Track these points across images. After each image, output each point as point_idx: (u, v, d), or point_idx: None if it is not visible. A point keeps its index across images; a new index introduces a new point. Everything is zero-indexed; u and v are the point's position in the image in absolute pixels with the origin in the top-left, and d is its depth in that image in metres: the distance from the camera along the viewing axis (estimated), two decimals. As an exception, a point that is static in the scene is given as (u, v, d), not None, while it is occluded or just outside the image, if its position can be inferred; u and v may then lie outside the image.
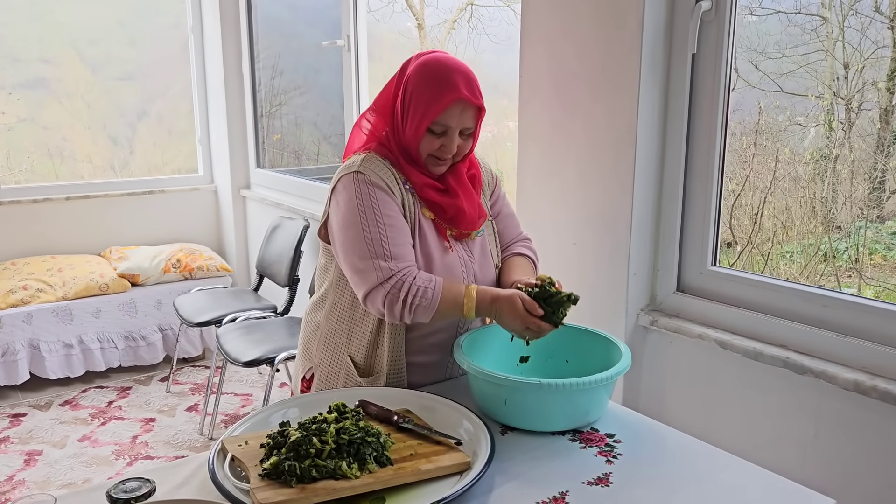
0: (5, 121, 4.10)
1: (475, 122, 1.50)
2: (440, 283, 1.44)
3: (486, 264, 1.62)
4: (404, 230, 1.48)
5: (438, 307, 1.43)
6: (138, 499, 1.04)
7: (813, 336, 1.68)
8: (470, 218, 1.55)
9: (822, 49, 1.95)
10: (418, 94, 1.47)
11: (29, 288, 3.64)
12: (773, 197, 2.17)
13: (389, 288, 1.41)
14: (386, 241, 1.43)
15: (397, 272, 1.42)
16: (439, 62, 1.48)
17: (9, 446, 3.09)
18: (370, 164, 1.49)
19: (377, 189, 1.46)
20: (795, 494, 1.19)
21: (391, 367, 1.53)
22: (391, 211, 1.46)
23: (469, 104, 1.46)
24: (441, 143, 1.48)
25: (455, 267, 1.55)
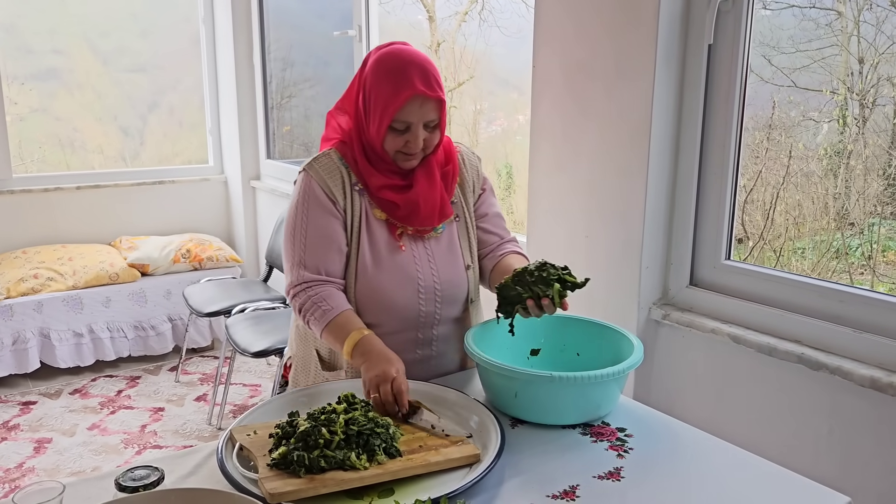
0: (17, 111, 4.11)
1: (438, 114, 1.46)
2: (338, 312, 1.44)
3: (452, 264, 1.57)
4: (331, 241, 1.49)
5: (325, 332, 1.45)
6: (147, 487, 1.04)
7: (828, 331, 1.66)
8: (426, 214, 1.51)
9: (837, 44, 1.92)
10: (376, 92, 1.44)
11: (40, 276, 3.65)
12: (786, 192, 2.15)
13: (295, 292, 1.50)
14: (303, 251, 1.49)
15: (305, 282, 1.48)
16: (393, 56, 1.45)
17: (19, 434, 3.11)
18: (319, 165, 1.51)
19: (315, 196, 1.49)
20: (810, 491, 1.17)
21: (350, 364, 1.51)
22: (321, 221, 1.49)
23: (427, 98, 1.42)
24: (406, 140, 1.45)
25: (407, 266, 1.52)
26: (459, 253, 1.59)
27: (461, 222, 1.60)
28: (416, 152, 1.48)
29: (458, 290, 1.58)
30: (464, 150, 1.64)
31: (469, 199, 1.62)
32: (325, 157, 1.53)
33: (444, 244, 1.57)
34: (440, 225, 1.55)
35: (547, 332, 1.57)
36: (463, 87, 3.95)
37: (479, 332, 1.49)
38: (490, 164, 3.99)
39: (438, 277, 1.54)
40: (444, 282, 1.55)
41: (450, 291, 1.56)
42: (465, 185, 1.61)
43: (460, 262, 1.58)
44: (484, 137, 4.05)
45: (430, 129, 1.47)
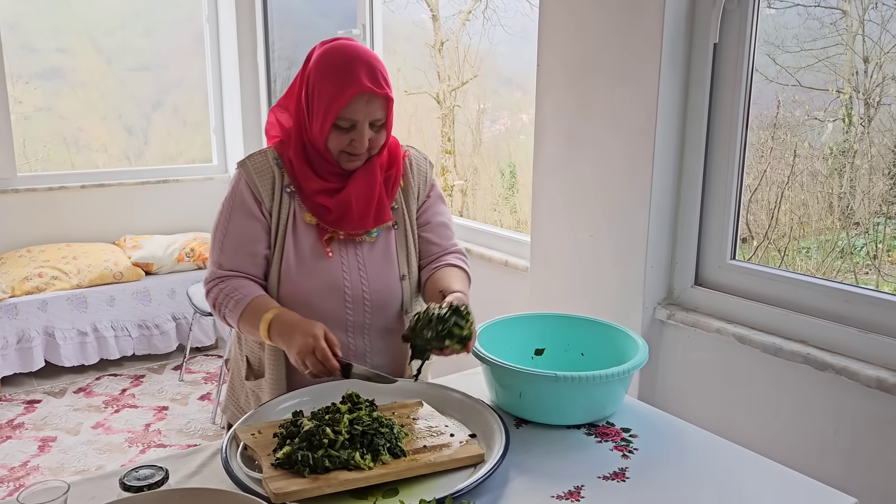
0: (22, 110, 4.12)
1: (384, 113, 1.41)
2: (251, 298, 1.42)
3: (386, 273, 1.50)
4: (248, 244, 1.46)
5: (241, 321, 1.42)
6: (151, 486, 1.03)
7: (834, 332, 1.65)
8: (358, 216, 1.45)
9: (842, 43, 1.91)
10: (320, 89, 1.39)
11: (44, 275, 3.66)
12: (791, 192, 2.14)
13: (208, 288, 1.48)
14: (221, 249, 1.48)
15: (217, 277, 1.47)
16: (338, 52, 1.39)
17: (23, 432, 3.12)
18: (253, 163, 1.48)
19: (241, 195, 1.46)
20: (816, 492, 1.17)
21: (271, 367, 1.49)
22: (242, 223, 1.46)
23: (374, 95, 1.37)
24: (351, 139, 1.40)
25: (333, 273, 1.46)
26: (395, 262, 1.52)
27: (400, 230, 1.54)
28: (361, 153, 1.43)
29: (390, 300, 1.51)
30: (413, 154, 1.58)
31: (412, 207, 1.55)
32: (260, 154, 1.50)
33: (379, 252, 1.51)
34: (374, 229, 1.49)
35: (551, 331, 1.56)
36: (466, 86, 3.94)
37: (484, 332, 1.49)
38: (493, 164, 3.98)
39: (368, 286, 1.48)
40: (375, 291, 1.49)
41: (380, 301, 1.50)
42: (408, 191, 1.55)
43: (395, 272, 1.52)
44: (487, 136, 4.05)
45: (376, 128, 1.42)
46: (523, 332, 1.55)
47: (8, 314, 3.48)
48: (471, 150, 4.02)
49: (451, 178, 4.02)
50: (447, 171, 4.05)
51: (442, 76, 3.97)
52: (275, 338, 1.37)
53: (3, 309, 3.47)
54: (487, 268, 2.75)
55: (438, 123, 4.04)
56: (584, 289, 2.15)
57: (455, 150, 4.03)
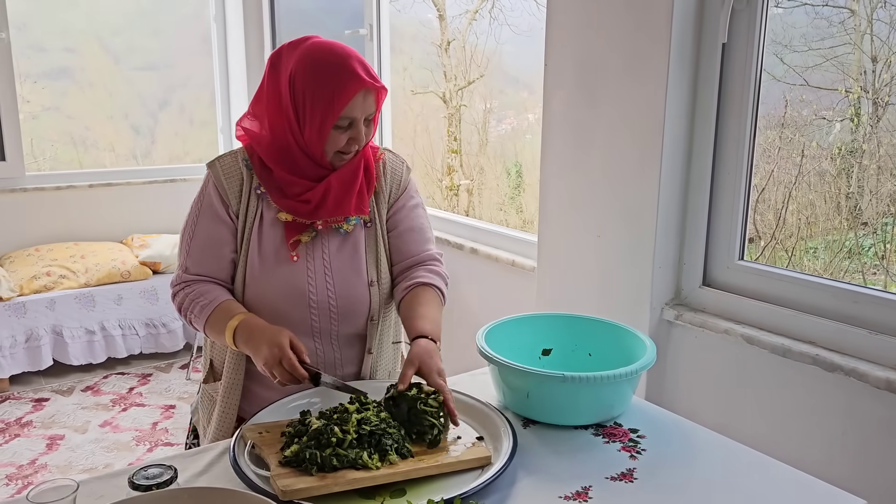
0: (30, 109, 4.14)
1: (376, 106, 1.39)
2: (217, 303, 1.40)
3: (354, 279, 1.46)
4: (215, 247, 1.44)
5: (207, 325, 1.41)
6: (160, 485, 1.04)
7: (843, 333, 1.65)
8: (337, 200, 1.40)
9: (850, 42, 1.91)
10: (314, 91, 1.33)
11: (52, 274, 3.68)
12: (798, 192, 2.13)
13: (176, 292, 1.46)
14: (188, 251, 1.46)
15: (183, 281, 1.45)
16: (327, 50, 1.35)
17: (31, 431, 3.13)
18: (224, 164, 1.45)
19: (209, 197, 1.45)
20: (824, 494, 1.16)
21: (229, 371, 1.47)
22: (209, 226, 1.44)
23: (370, 89, 1.35)
24: (348, 137, 1.38)
25: (297, 279, 1.42)
26: (363, 268, 1.47)
27: (371, 231, 1.49)
28: (354, 149, 1.40)
29: (358, 307, 1.47)
30: (388, 158, 1.53)
31: (382, 210, 1.51)
32: (230, 156, 1.47)
33: (347, 257, 1.46)
34: (354, 217, 1.45)
35: (559, 332, 1.56)
36: (473, 85, 3.94)
37: (491, 332, 1.49)
38: (500, 163, 3.98)
39: (335, 293, 1.44)
40: (341, 297, 1.45)
41: (347, 308, 1.46)
42: (380, 194, 1.50)
43: (363, 278, 1.47)
44: (494, 136, 4.05)
45: (367, 122, 1.40)
46: (530, 332, 1.55)
47: (16, 313, 3.50)
48: (477, 149, 4.02)
49: (457, 177, 4.02)
50: (453, 170, 4.05)
51: (448, 75, 3.97)
52: (240, 345, 1.35)
53: (12, 308, 3.49)
54: (494, 268, 2.75)
55: (445, 123, 4.04)
56: (592, 289, 2.14)
57: (461, 150, 4.03)
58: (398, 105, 3.95)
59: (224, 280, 1.47)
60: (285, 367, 1.28)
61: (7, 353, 3.46)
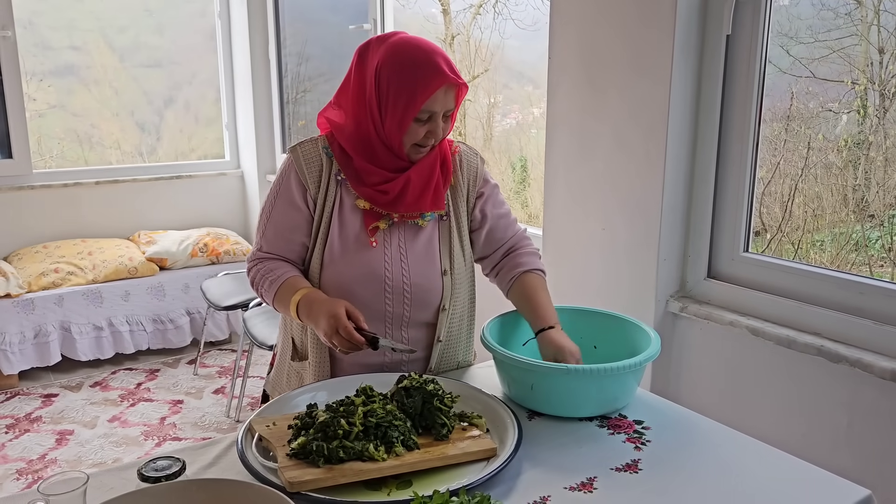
0: (36, 107, 4.16)
1: (456, 102, 1.43)
2: (286, 278, 1.46)
3: (428, 267, 1.50)
4: (287, 228, 1.50)
5: (276, 300, 1.47)
6: (169, 477, 1.05)
7: (848, 324, 1.65)
8: (415, 199, 1.45)
9: (856, 34, 1.90)
10: (398, 83, 1.38)
11: (60, 271, 3.70)
12: (805, 184, 2.13)
13: (250, 268, 1.54)
14: (263, 232, 1.53)
15: (257, 258, 1.53)
16: (413, 45, 1.40)
17: (41, 426, 3.16)
18: (303, 150, 1.50)
19: (288, 182, 1.49)
20: (830, 484, 1.16)
21: (314, 350, 1.52)
22: (285, 212, 1.50)
23: (452, 85, 1.39)
24: (427, 130, 1.42)
25: (375, 264, 1.47)
26: (437, 257, 1.52)
27: (445, 223, 1.53)
28: (432, 143, 1.45)
29: (431, 295, 1.51)
30: (463, 150, 1.58)
31: (459, 203, 1.55)
32: (310, 142, 1.52)
33: (422, 245, 1.51)
34: (429, 213, 1.49)
35: (564, 324, 1.56)
36: (477, 80, 3.94)
37: (496, 325, 1.50)
38: (504, 158, 3.98)
39: (409, 280, 1.49)
40: (416, 285, 1.49)
41: (420, 295, 1.50)
42: (457, 188, 1.54)
43: (437, 267, 1.51)
44: (498, 130, 4.04)
45: (446, 117, 1.44)
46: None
47: (25, 309, 3.52)
48: (482, 144, 4.01)
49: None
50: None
51: (453, 70, 3.96)
52: (303, 317, 1.42)
53: (21, 304, 3.51)
54: (499, 262, 2.75)
55: (449, 118, 4.03)
56: (597, 282, 2.15)
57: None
58: (403, 100, 3.94)
59: (295, 261, 1.53)
60: (343, 334, 1.33)
61: (16, 348, 3.49)
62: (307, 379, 1.55)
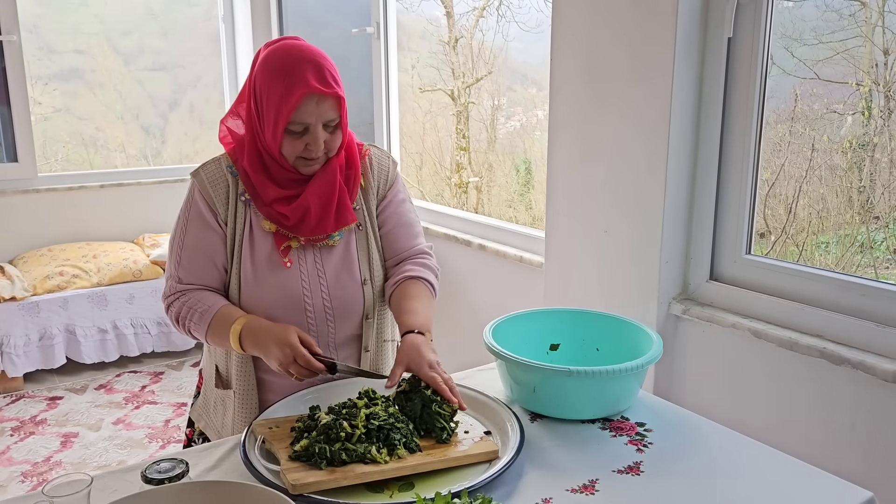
0: (41, 111, 4.18)
1: (338, 112, 1.35)
2: (217, 307, 1.39)
3: (347, 279, 1.46)
4: (206, 256, 1.42)
5: (209, 333, 1.39)
6: (172, 479, 1.05)
7: (851, 326, 1.64)
8: (317, 220, 1.39)
9: (861, 35, 1.89)
10: (268, 93, 1.33)
11: (65, 274, 3.71)
12: (809, 186, 2.12)
13: (170, 303, 1.44)
14: (178, 261, 1.43)
15: (177, 291, 1.43)
16: (283, 53, 1.33)
17: (46, 428, 3.17)
18: (208, 172, 1.43)
19: (196, 206, 1.42)
20: (832, 486, 1.16)
21: (239, 379, 1.46)
22: (198, 235, 1.42)
23: (324, 96, 1.32)
24: (305, 143, 1.35)
25: (291, 285, 1.41)
26: (356, 267, 1.47)
27: (362, 232, 1.48)
28: (318, 157, 1.37)
29: (352, 307, 1.47)
30: (374, 153, 1.52)
31: (372, 206, 1.50)
32: (213, 163, 1.44)
33: (339, 257, 1.46)
34: (337, 233, 1.44)
35: (566, 327, 1.57)
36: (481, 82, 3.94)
37: (499, 327, 1.50)
38: (508, 160, 3.98)
39: (329, 295, 1.44)
40: (336, 298, 1.44)
41: (342, 309, 1.46)
42: (368, 190, 1.49)
43: (356, 277, 1.47)
44: (502, 133, 4.05)
45: (330, 129, 1.36)
46: (538, 327, 1.56)
47: (30, 312, 3.54)
48: (486, 146, 4.02)
49: (465, 174, 4.03)
50: (462, 167, 4.05)
51: (456, 73, 3.97)
52: (248, 348, 1.36)
53: (26, 307, 3.53)
54: (502, 264, 2.76)
55: (453, 120, 4.04)
56: (599, 284, 2.15)
57: (470, 147, 4.04)
58: (406, 103, 3.96)
59: (217, 288, 1.45)
60: (300, 363, 1.29)
61: (21, 351, 3.50)
62: (230, 408, 1.48)
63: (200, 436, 1.61)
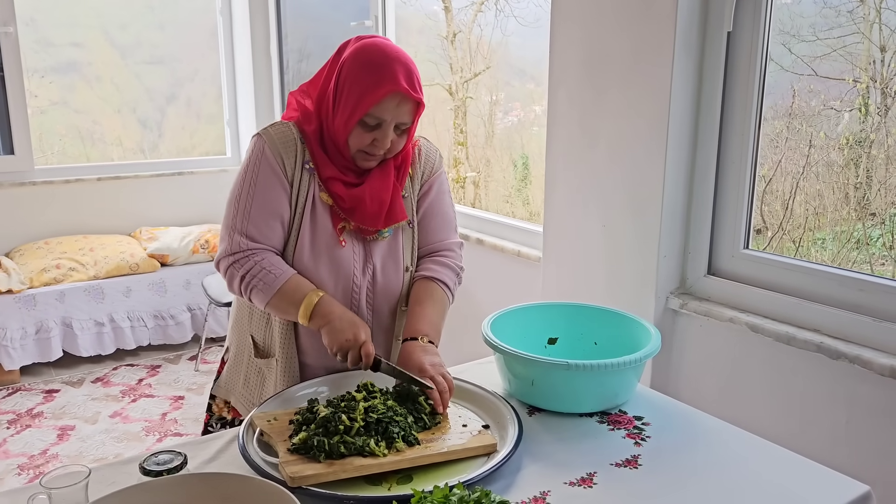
0: (38, 104, 4.16)
1: (412, 118, 1.39)
2: (289, 274, 1.38)
3: (392, 269, 1.49)
4: (275, 212, 1.40)
5: (274, 299, 1.38)
6: (170, 471, 1.05)
7: (848, 320, 1.65)
8: (371, 213, 1.41)
9: (858, 32, 1.89)
10: (352, 82, 1.35)
11: (62, 267, 3.70)
12: (806, 182, 2.13)
13: (233, 260, 1.40)
14: (247, 217, 1.40)
15: (246, 249, 1.39)
16: (378, 49, 1.36)
17: (42, 421, 3.17)
18: (275, 131, 1.43)
19: (266, 161, 1.40)
20: (829, 480, 1.17)
21: (282, 346, 1.47)
22: (268, 189, 1.40)
23: (407, 97, 1.35)
24: (373, 138, 1.37)
25: (345, 265, 1.44)
26: (401, 254, 1.50)
27: (407, 226, 1.51)
28: (379, 154, 1.40)
29: (393, 295, 1.50)
30: (423, 144, 1.55)
31: (414, 196, 1.53)
32: (281, 125, 1.45)
33: (386, 245, 1.48)
34: (386, 229, 1.46)
35: (565, 321, 1.57)
36: (479, 77, 3.94)
37: (497, 321, 1.50)
38: (506, 155, 3.98)
39: (374, 279, 1.47)
40: (380, 284, 1.48)
41: (384, 296, 1.49)
42: (414, 178, 1.52)
43: (400, 265, 1.50)
44: (500, 128, 4.04)
45: (399, 131, 1.40)
46: (536, 321, 1.56)
47: (27, 305, 3.53)
48: (483, 141, 4.02)
49: (463, 169, 4.02)
50: (460, 162, 4.05)
51: (454, 68, 3.96)
52: (316, 318, 1.36)
53: (22, 300, 3.52)
54: (499, 258, 2.76)
55: (451, 115, 4.04)
56: (597, 278, 2.15)
57: (467, 142, 4.03)
58: (404, 97, 3.94)
59: (279, 250, 1.43)
60: (361, 353, 1.32)
61: (17, 344, 3.49)
62: (271, 376, 1.50)
63: (219, 420, 1.62)
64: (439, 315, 1.48)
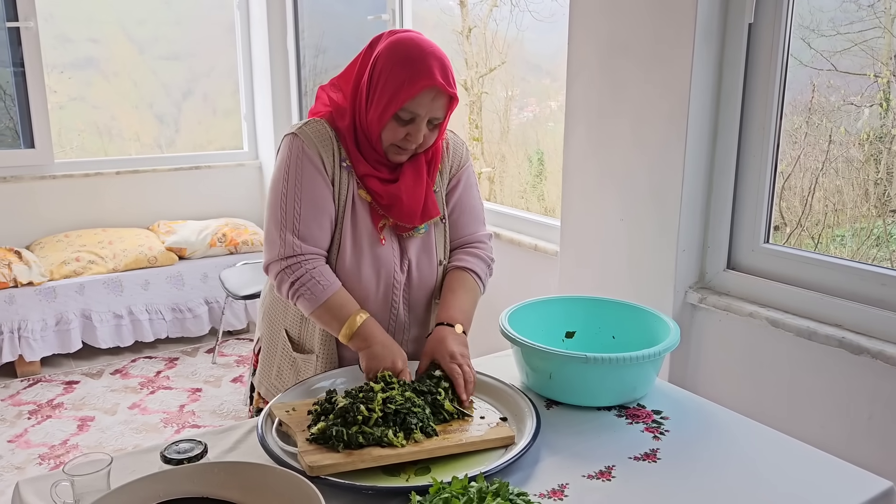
0: (57, 99, 4.20)
1: (445, 112, 1.39)
2: (335, 288, 1.39)
3: (428, 263, 1.51)
4: (323, 211, 1.40)
5: (319, 310, 1.39)
6: (191, 460, 1.06)
7: (870, 315, 1.63)
8: (408, 211, 1.42)
9: (879, 26, 1.87)
10: (387, 76, 1.35)
11: (81, 259, 3.74)
12: (825, 178, 2.11)
13: (286, 265, 1.39)
14: (298, 218, 1.39)
15: (299, 254, 1.39)
16: (414, 43, 1.36)
17: (63, 412, 3.20)
18: (310, 129, 1.41)
19: (308, 159, 1.39)
20: (851, 475, 1.16)
21: (322, 343, 1.48)
22: (315, 187, 1.39)
23: (442, 92, 1.35)
24: (407, 132, 1.37)
25: (387, 262, 1.45)
26: (434, 249, 1.52)
27: (440, 221, 1.52)
28: (411, 148, 1.40)
29: (429, 286, 1.52)
30: (450, 137, 1.55)
31: (443, 189, 1.53)
32: (315, 123, 1.43)
33: (420, 240, 1.50)
34: (422, 226, 1.47)
35: (583, 314, 1.57)
36: (494, 72, 3.92)
37: (514, 314, 1.50)
38: (521, 151, 3.97)
39: (410, 274, 1.49)
40: (416, 278, 1.49)
41: (420, 288, 1.51)
42: (443, 172, 1.53)
43: (434, 261, 1.52)
44: (515, 124, 4.03)
45: (432, 126, 1.39)
46: (554, 314, 1.56)
47: (47, 297, 3.57)
48: (498, 137, 4.01)
49: (478, 165, 4.02)
50: (475, 158, 4.04)
51: (470, 63, 3.96)
52: (356, 340, 1.38)
53: (43, 292, 3.56)
54: (516, 252, 2.75)
55: (466, 110, 4.03)
56: (615, 272, 2.14)
57: (483, 138, 4.03)
58: (420, 92, 3.94)
59: (326, 253, 1.44)
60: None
61: (38, 335, 3.54)
62: (308, 371, 1.51)
63: (259, 412, 1.64)
64: (471, 304, 1.50)
